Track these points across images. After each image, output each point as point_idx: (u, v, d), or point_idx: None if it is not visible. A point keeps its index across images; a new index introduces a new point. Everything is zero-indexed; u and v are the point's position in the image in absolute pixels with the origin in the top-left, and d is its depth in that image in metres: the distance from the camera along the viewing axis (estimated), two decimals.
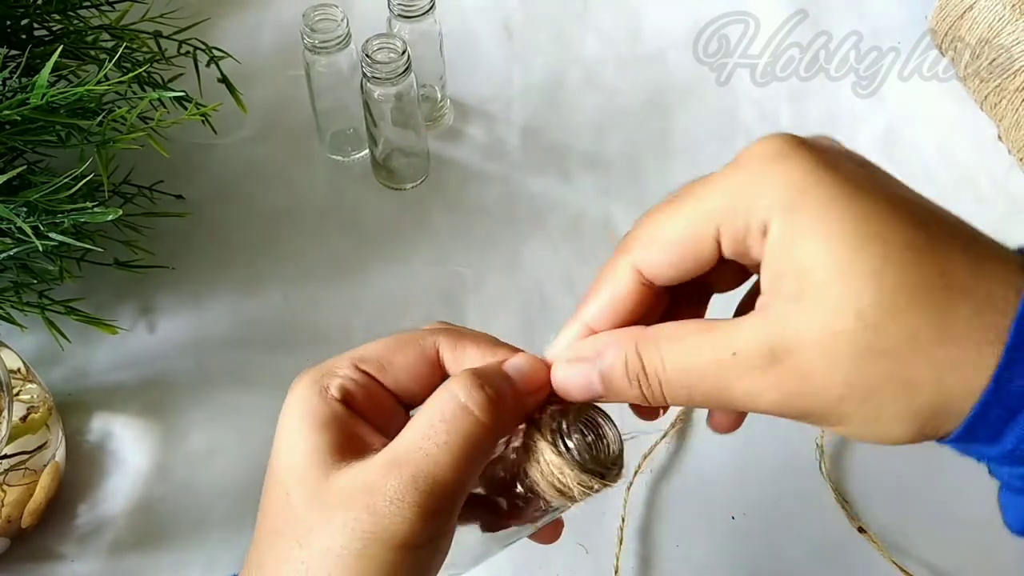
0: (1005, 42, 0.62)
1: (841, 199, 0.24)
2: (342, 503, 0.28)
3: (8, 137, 0.49)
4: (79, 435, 0.53)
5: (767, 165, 0.26)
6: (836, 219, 0.24)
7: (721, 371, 0.26)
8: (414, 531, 0.27)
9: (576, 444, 0.29)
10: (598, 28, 0.74)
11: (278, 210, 0.63)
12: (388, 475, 0.28)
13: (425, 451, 0.28)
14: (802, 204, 0.25)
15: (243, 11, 0.74)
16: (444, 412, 0.28)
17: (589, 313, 0.30)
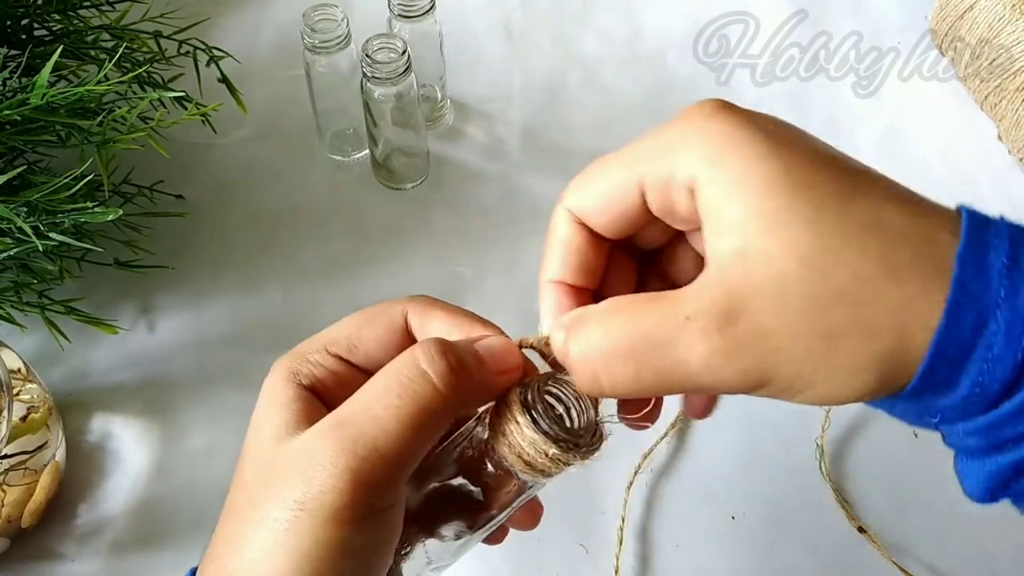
0: (1005, 42, 0.62)
1: (765, 152, 0.25)
2: (280, 472, 0.27)
3: (8, 137, 0.49)
4: (79, 435, 0.53)
5: (690, 123, 0.27)
6: (762, 170, 0.24)
7: (673, 339, 0.25)
8: (344, 503, 0.26)
9: (543, 413, 0.28)
10: (598, 28, 0.74)
11: (278, 210, 0.63)
12: (327, 437, 0.26)
13: (372, 414, 0.26)
14: (727, 158, 0.25)
15: (243, 11, 0.74)
16: (401, 375, 0.27)
17: (548, 270, 0.30)
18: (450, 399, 0.27)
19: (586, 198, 0.29)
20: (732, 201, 0.25)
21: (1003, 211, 0.26)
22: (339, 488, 0.26)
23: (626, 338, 0.26)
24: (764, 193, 0.24)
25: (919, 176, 0.65)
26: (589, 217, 0.29)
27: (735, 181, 0.25)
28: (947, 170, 0.66)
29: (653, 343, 0.25)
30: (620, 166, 0.28)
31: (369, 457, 0.26)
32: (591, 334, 0.26)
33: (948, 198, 0.27)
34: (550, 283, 0.30)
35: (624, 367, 0.26)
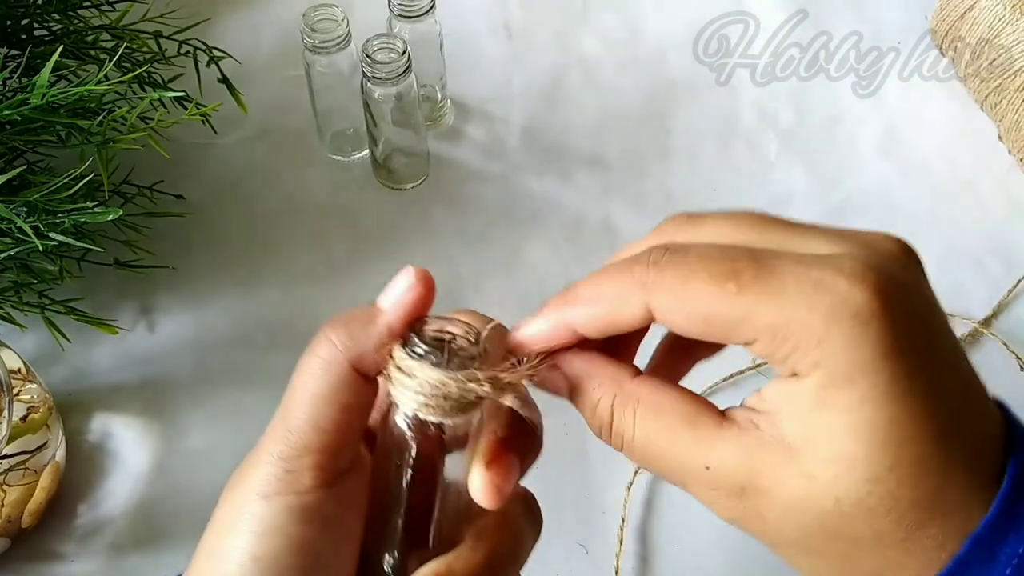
0: (1005, 42, 0.62)
1: (890, 394, 0.23)
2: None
3: (8, 137, 0.49)
4: (79, 435, 0.53)
5: (843, 320, 0.23)
6: (874, 416, 0.23)
7: (687, 473, 0.26)
8: (268, 475, 0.27)
9: (427, 345, 0.27)
10: (598, 28, 0.74)
11: (278, 210, 0.63)
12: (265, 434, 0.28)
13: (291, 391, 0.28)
14: (853, 385, 0.23)
15: (243, 11, 0.74)
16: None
17: (577, 317, 0.28)
18: (331, 359, 0.28)
19: (680, 317, 0.26)
20: (822, 419, 0.24)
21: (1003, 211, 0.26)
22: (267, 463, 0.27)
23: (650, 452, 0.27)
24: (855, 435, 0.23)
25: (919, 176, 0.65)
26: (668, 323, 0.26)
27: (842, 408, 0.23)
28: (947, 170, 0.66)
29: (667, 464, 0.26)
30: (724, 296, 0.24)
31: (283, 435, 0.28)
32: (627, 422, 0.27)
33: (948, 198, 0.27)
34: (568, 327, 0.28)
35: (636, 459, 0.27)
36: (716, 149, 0.67)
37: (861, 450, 0.23)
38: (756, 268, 0.24)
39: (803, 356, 0.23)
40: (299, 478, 0.27)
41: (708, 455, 0.25)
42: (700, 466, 0.25)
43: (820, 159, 0.66)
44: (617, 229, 0.62)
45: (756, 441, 0.25)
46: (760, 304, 0.24)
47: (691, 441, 0.26)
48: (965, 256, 0.61)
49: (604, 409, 0.27)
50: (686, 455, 0.26)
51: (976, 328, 0.58)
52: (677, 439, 0.26)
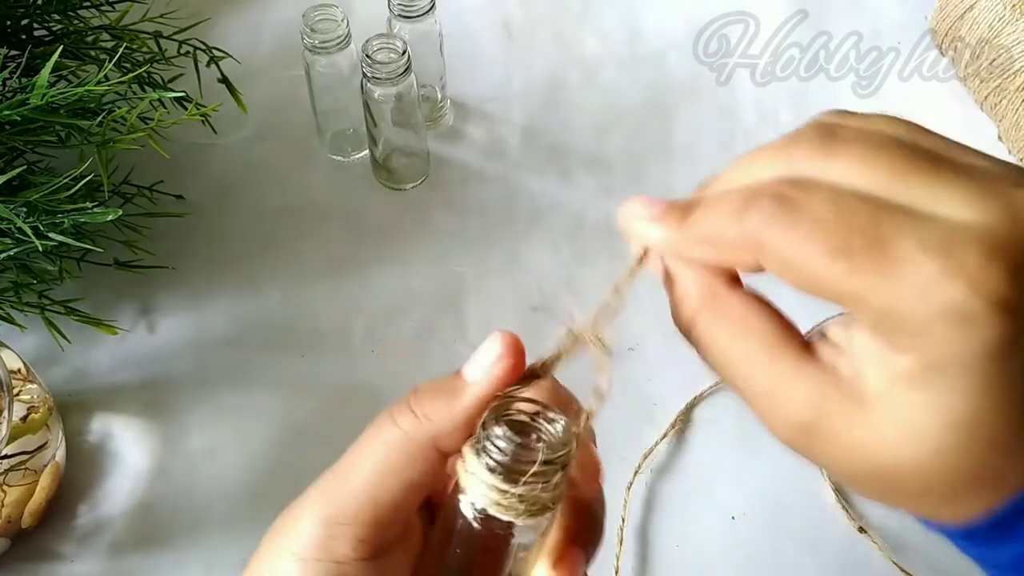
0: (1005, 42, 0.62)
1: (984, 391, 0.23)
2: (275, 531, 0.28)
3: (8, 137, 0.49)
4: (79, 435, 0.53)
5: (953, 319, 0.22)
6: (960, 405, 0.23)
7: (756, 394, 0.25)
8: (311, 541, 0.26)
9: (494, 445, 0.25)
10: (598, 28, 0.74)
11: (278, 210, 0.63)
12: (307, 497, 0.27)
13: (344, 464, 0.27)
14: (947, 376, 0.23)
15: (243, 11, 0.74)
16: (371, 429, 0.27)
17: (690, 247, 0.27)
18: (412, 432, 0.27)
19: (782, 274, 0.25)
20: (911, 405, 0.23)
21: None
22: (310, 522, 0.26)
23: (730, 362, 0.26)
24: (941, 427, 0.23)
25: None
26: (778, 277, 0.25)
27: (932, 401, 0.23)
28: None
29: (745, 382, 0.26)
30: (835, 274, 0.23)
31: (335, 496, 0.26)
32: (707, 331, 0.27)
33: None
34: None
35: (716, 362, 0.27)
36: (716, 149, 0.66)
37: (934, 431, 0.23)
38: (871, 248, 0.22)
39: (904, 338, 0.23)
40: (341, 546, 0.26)
41: (781, 382, 0.25)
42: (771, 388, 0.25)
43: None
44: (617, 229, 0.62)
45: (831, 383, 0.24)
46: (870, 288, 0.23)
47: (768, 364, 0.25)
48: None
49: (691, 311, 0.27)
50: (759, 376, 0.25)
51: None
52: (755, 359, 0.25)
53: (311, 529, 0.26)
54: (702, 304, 0.27)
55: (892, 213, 0.23)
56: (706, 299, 0.27)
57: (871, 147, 0.25)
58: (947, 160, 0.24)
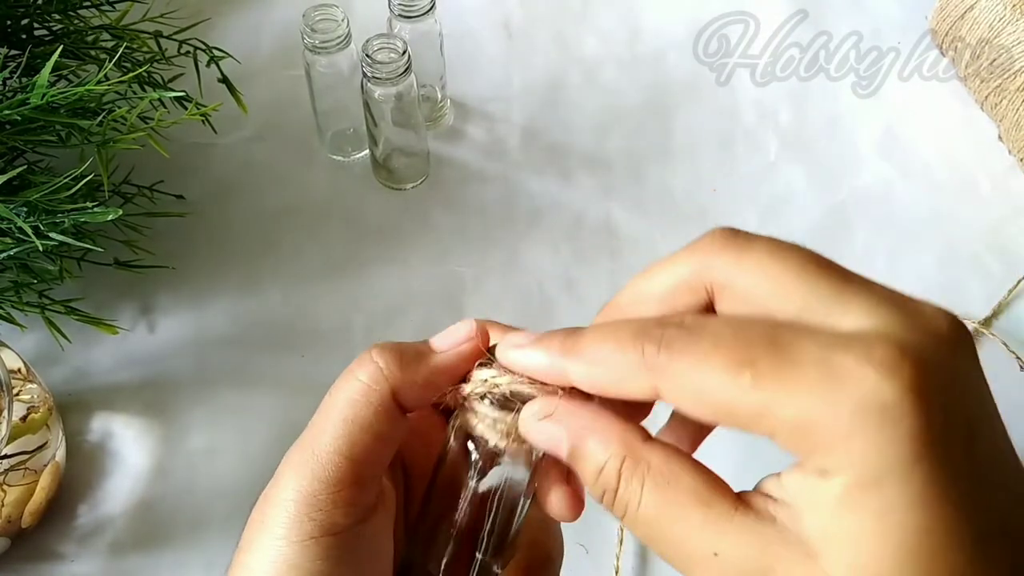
0: (1005, 42, 0.62)
1: (924, 500, 0.21)
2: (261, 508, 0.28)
3: (8, 137, 0.49)
4: (79, 435, 0.53)
5: (871, 416, 0.21)
6: (904, 523, 0.21)
7: (692, 557, 0.23)
8: (289, 517, 0.26)
9: (493, 381, 0.28)
10: (598, 28, 0.74)
11: (278, 210, 0.63)
12: (285, 463, 0.27)
13: (315, 426, 0.27)
14: (882, 488, 0.21)
15: (243, 11, 0.74)
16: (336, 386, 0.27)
17: (577, 374, 0.26)
18: (373, 383, 0.27)
19: (683, 400, 0.24)
20: (848, 523, 0.21)
21: (1003, 211, 0.25)
22: (292, 500, 0.26)
23: (655, 527, 0.24)
24: (883, 545, 0.21)
25: (919, 176, 0.65)
26: (677, 407, 0.25)
27: (868, 514, 0.21)
28: (947, 170, 0.66)
29: (672, 543, 0.24)
30: (739, 388, 0.22)
31: (310, 468, 0.26)
32: (634, 491, 0.24)
33: (948, 198, 0.27)
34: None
35: (637, 532, 0.25)
36: (716, 149, 0.66)
37: (888, 559, 0.21)
38: (774, 355, 0.22)
39: (827, 455, 0.21)
40: (327, 516, 0.26)
41: (719, 540, 0.23)
42: (708, 551, 0.23)
43: (820, 159, 0.66)
44: (617, 229, 0.62)
45: (773, 535, 0.23)
46: (778, 398, 0.21)
47: (702, 522, 0.23)
48: (965, 256, 0.61)
49: (611, 472, 0.25)
50: (695, 536, 0.23)
51: (976, 328, 0.58)
52: (688, 517, 0.23)
53: (293, 508, 0.26)
54: (622, 464, 0.25)
55: (790, 323, 0.23)
56: (625, 457, 0.25)
57: (781, 247, 0.24)
58: (853, 274, 0.24)
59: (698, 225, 0.68)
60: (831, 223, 0.63)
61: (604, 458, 0.25)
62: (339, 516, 0.26)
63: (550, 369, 0.26)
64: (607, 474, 0.25)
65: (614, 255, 0.61)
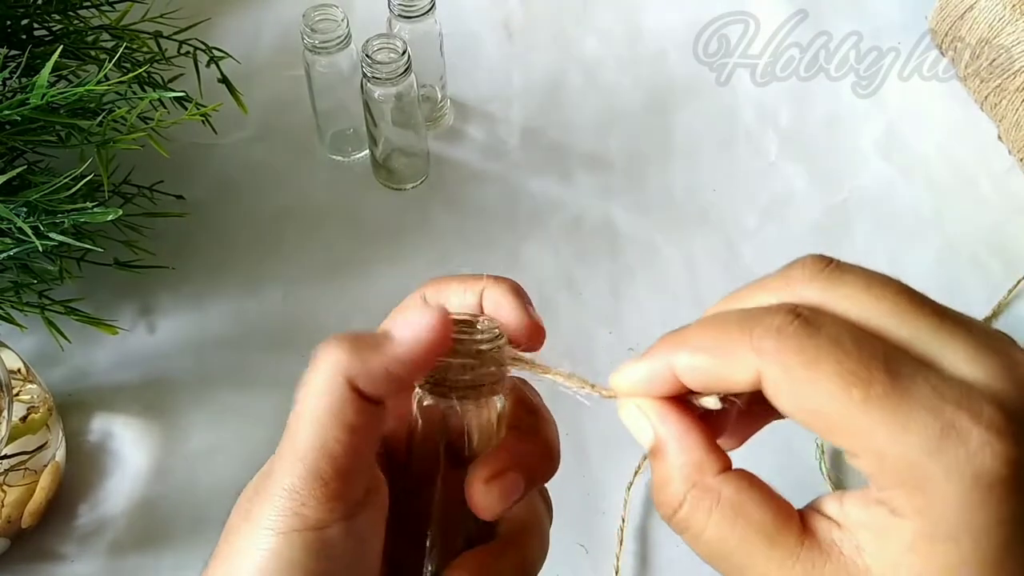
0: (1005, 42, 0.62)
1: (995, 561, 0.21)
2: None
3: (8, 137, 0.49)
4: (79, 435, 0.53)
5: (965, 478, 0.21)
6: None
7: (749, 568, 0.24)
8: (276, 510, 0.26)
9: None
10: (598, 28, 0.74)
11: (278, 210, 0.63)
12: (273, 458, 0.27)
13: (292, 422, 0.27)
14: (957, 545, 0.21)
15: (243, 11, 0.74)
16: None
17: (681, 363, 0.25)
18: (330, 373, 0.26)
19: (783, 392, 0.23)
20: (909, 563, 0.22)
21: (1003, 211, 0.25)
22: (279, 495, 0.26)
23: (725, 551, 0.24)
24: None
25: (919, 176, 0.65)
26: (772, 396, 0.24)
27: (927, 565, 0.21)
28: (947, 170, 0.66)
29: (728, 567, 0.24)
30: (847, 402, 0.22)
31: (292, 464, 0.26)
32: (699, 518, 0.25)
33: (948, 198, 0.27)
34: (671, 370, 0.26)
35: (695, 548, 0.25)
36: (716, 149, 0.66)
37: None
38: (889, 384, 0.21)
39: (908, 498, 0.21)
40: (314, 512, 0.26)
41: (780, 574, 0.23)
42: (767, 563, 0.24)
43: (820, 159, 0.66)
44: (617, 229, 0.62)
45: (837, 569, 0.23)
46: (880, 427, 0.21)
47: (766, 558, 0.24)
48: (965, 256, 0.61)
49: (676, 494, 0.25)
50: (757, 568, 0.24)
51: None
52: (752, 551, 0.24)
53: (281, 502, 0.26)
54: (691, 487, 0.25)
55: (906, 352, 0.22)
56: (695, 482, 0.25)
57: (875, 279, 0.24)
58: (946, 308, 0.23)
59: (698, 225, 0.69)
60: (831, 223, 0.63)
61: (672, 475, 0.25)
62: (324, 512, 0.26)
63: (655, 371, 0.26)
64: (674, 493, 0.25)
65: (614, 255, 0.61)
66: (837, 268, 0.24)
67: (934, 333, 0.22)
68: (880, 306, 0.23)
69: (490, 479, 0.28)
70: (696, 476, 0.25)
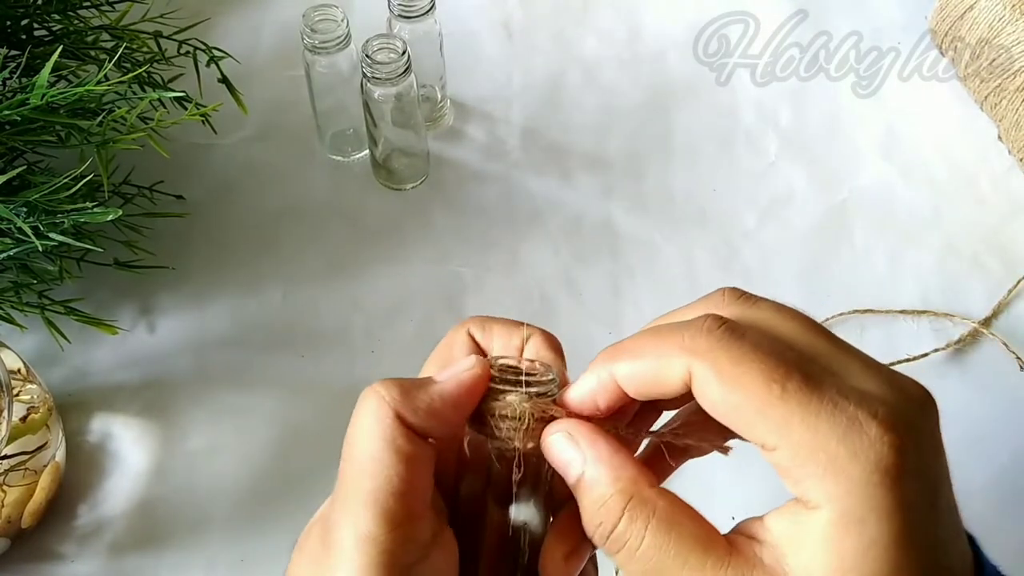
0: (1005, 42, 0.62)
1: (899, 543, 0.24)
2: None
3: (8, 137, 0.49)
4: (79, 435, 0.53)
5: (868, 464, 0.24)
6: (880, 561, 0.24)
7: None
8: (359, 564, 0.26)
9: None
10: (598, 28, 0.74)
11: (278, 210, 0.63)
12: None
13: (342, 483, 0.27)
14: (865, 528, 0.23)
15: (243, 11, 0.74)
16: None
17: (620, 370, 0.28)
18: (387, 406, 0.27)
19: (711, 387, 0.26)
20: (834, 572, 0.24)
21: (1003, 211, 0.26)
22: (350, 551, 0.26)
23: (660, 564, 0.26)
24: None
25: (919, 176, 0.65)
26: (700, 393, 0.26)
27: (853, 564, 0.24)
28: (947, 170, 0.66)
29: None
30: (767, 396, 0.25)
31: (357, 509, 0.26)
32: (636, 530, 0.26)
33: (948, 198, 0.27)
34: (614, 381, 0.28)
35: (643, 567, 0.26)
36: (716, 149, 0.66)
37: None
38: (803, 381, 0.24)
39: (819, 484, 0.24)
40: (397, 557, 0.26)
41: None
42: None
43: (820, 159, 0.66)
44: (617, 229, 0.62)
45: (753, 569, 0.25)
46: (795, 417, 0.24)
47: (698, 566, 0.25)
48: (965, 256, 0.61)
49: (613, 509, 0.26)
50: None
51: (976, 328, 0.58)
52: (685, 561, 0.25)
53: (358, 555, 0.26)
54: (628, 499, 0.26)
55: (815, 363, 0.25)
56: (632, 494, 0.26)
57: (784, 308, 0.27)
58: (841, 339, 0.27)
59: (698, 225, 0.69)
60: (831, 223, 0.63)
61: (610, 492, 0.26)
62: (403, 555, 0.26)
63: (600, 381, 0.28)
64: (610, 508, 0.26)
65: (614, 255, 0.61)
66: (751, 298, 0.28)
67: (833, 352, 0.26)
68: (789, 326, 0.27)
69: (570, 555, 0.29)
70: (633, 489, 0.26)
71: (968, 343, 0.57)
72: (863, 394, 0.24)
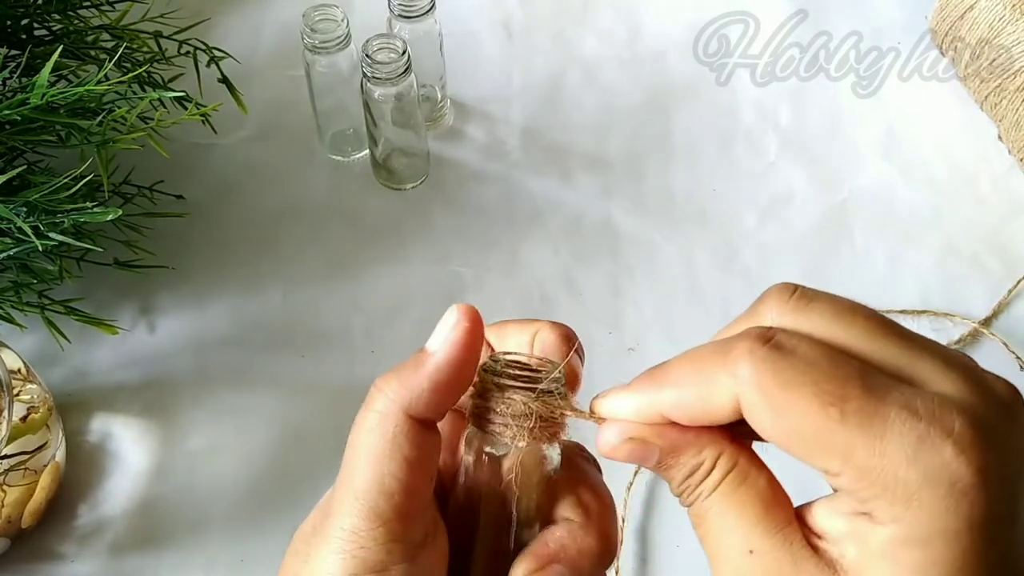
0: (1005, 42, 0.62)
1: (965, 563, 0.22)
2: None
3: (8, 137, 0.49)
4: (79, 435, 0.53)
5: (940, 486, 0.22)
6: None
7: (731, 547, 0.25)
8: (336, 555, 0.26)
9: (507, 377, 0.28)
10: (598, 28, 0.74)
11: (278, 210, 0.63)
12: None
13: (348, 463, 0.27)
14: (929, 548, 0.22)
15: (243, 11, 0.74)
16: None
17: (665, 401, 0.26)
18: (386, 410, 0.27)
19: (761, 414, 0.24)
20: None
21: (1003, 211, 0.26)
22: (339, 538, 0.26)
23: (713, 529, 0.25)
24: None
25: (919, 176, 0.65)
26: (751, 418, 0.25)
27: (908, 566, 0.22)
28: (947, 170, 0.66)
29: (720, 531, 0.25)
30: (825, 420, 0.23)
31: (349, 506, 0.26)
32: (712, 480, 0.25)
33: (948, 198, 0.27)
34: (659, 414, 0.26)
35: (693, 513, 0.26)
36: (716, 149, 0.66)
37: None
38: (864, 399, 0.22)
39: (886, 506, 0.22)
40: (375, 555, 0.26)
41: (760, 542, 0.25)
42: (745, 548, 0.25)
43: (820, 159, 0.66)
44: (617, 229, 0.62)
45: (808, 556, 0.24)
46: (859, 442, 0.22)
47: (755, 522, 0.25)
48: (965, 256, 0.61)
49: (707, 463, 0.26)
50: (741, 528, 0.25)
51: (976, 328, 0.58)
52: (746, 513, 0.25)
53: (340, 544, 0.26)
54: (717, 455, 0.26)
55: (878, 370, 0.23)
56: (721, 453, 0.26)
57: (843, 305, 0.25)
58: (912, 332, 0.24)
59: (698, 225, 0.69)
60: (831, 223, 0.63)
61: (703, 457, 0.26)
62: (383, 554, 0.26)
63: (645, 408, 0.26)
64: (703, 462, 0.26)
65: (614, 255, 0.61)
66: (803, 296, 0.25)
67: (903, 352, 0.24)
68: (850, 330, 0.24)
69: (532, 574, 0.28)
70: (719, 448, 0.25)
71: (968, 343, 0.57)
72: (937, 401, 0.22)
